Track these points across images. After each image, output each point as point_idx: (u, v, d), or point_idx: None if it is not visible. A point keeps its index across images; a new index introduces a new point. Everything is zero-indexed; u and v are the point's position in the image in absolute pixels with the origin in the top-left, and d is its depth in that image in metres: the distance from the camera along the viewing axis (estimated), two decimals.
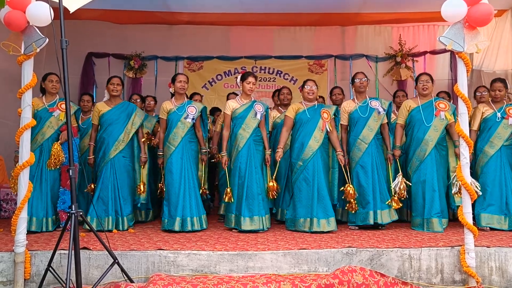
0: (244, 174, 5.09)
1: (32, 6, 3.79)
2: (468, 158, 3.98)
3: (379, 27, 8.74)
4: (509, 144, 5.30)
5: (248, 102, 5.30)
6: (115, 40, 8.57)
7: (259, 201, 5.08)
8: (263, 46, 8.72)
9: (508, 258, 4.05)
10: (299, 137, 5.24)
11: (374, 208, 5.15)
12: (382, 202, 5.19)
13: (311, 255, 4.04)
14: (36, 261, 3.93)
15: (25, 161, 3.84)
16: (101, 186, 5.23)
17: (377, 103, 5.37)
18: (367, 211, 5.17)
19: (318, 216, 5.02)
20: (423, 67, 8.63)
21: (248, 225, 5.03)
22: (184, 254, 4.01)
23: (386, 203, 5.18)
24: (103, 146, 5.33)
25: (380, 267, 4.01)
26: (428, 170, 5.16)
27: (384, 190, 5.24)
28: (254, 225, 5.03)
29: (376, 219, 5.14)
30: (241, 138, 5.17)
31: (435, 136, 5.20)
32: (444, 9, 3.93)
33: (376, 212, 5.15)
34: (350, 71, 8.63)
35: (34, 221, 5.05)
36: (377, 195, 5.19)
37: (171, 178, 5.15)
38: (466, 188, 3.92)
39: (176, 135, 5.20)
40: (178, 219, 5.04)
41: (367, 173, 5.21)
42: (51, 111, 5.27)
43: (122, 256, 3.93)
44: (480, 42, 3.95)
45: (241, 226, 5.02)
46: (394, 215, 5.22)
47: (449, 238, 4.54)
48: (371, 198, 5.16)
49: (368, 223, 5.15)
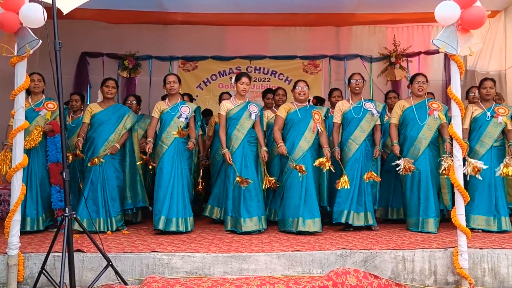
0: (240, 175, 5.09)
1: (25, 8, 3.77)
2: (461, 160, 3.99)
3: (374, 27, 8.74)
4: (499, 145, 5.34)
5: (242, 102, 5.30)
6: (109, 39, 8.52)
7: (257, 201, 5.10)
8: (258, 46, 8.70)
9: (501, 260, 4.08)
10: (289, 137, 5.26)
11: (348, 209, 5.17)
12: (358, 205, 5.21)
13: (305, 257, 4.05)
14: (29, 263, 3.92)
15: (18, 163, 3.83)
16: (91, 187, 5.22)
17: (371, 105, 5.39)
18: (342, 210, 5.19)
19: (304, 216, 5.03)
20: (418, 68, 8.65)
21: (249, 226, 5.02)
22: (178, 256, 4.01)
23: (363, 207, 5.20)
24: (92, 146, 5.33)
25: (374, 269, 4.02)
26: (422, 169, 5.18)
27: (363, 194, 5.24)
28: (255, 225, 5.04)
29: (347, 219, 5.16)
30: (235, 139, 5.17)
31: (429, 134, 5.22)
32: (437, 12, 3.94)
33: (350, 212, 5.17)
34: (344, 72, 8.64)
35: (28, 221, 5.07)
36: (355, 196, 5.20)
37: (161, 177, 5.15)
38: (460, 190, 3.93)
39: (169, 134, 5.21)
40: (163, 217, 5.03)
41: (352, 174, 5.21)
42: (37, 111, 5.26)
43: (116, 258, 3.92)
44: (473, 45, 3.97)
45: (242, 228, 5.00)
46: (370, 220, 5.22)
47: (442, 240, 4.56)
48: (349, 199, 5.17)
49: (340, 221, 5.17)
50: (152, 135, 5.32)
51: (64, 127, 3.59)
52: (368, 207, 5.24)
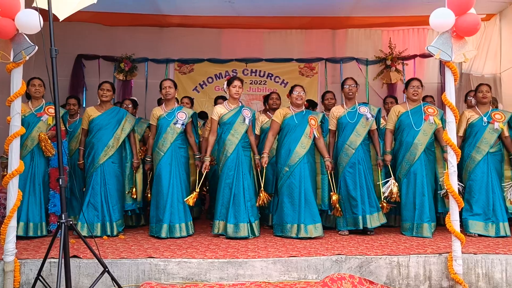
0: (232, 180, 5.09)
1: (22, 14, 3.77)
2: (455, 166, 4.02)
3: (369, 30, 8.77)
4: (495, 151, 5.36)
5: (236, 107, 5.30)
6: (105, 42, 8.53)
7: (247, 208, 5.08)
8: (254, 49, 8.72)
9: (495, 265, 4.11)
10: (286, 143, 5.26)
11: (362, 213, 5.19)
12: (370, 207, 5.22)
13: (300, 263, 4.07)
14: (25, 269, 3.93)
15: (15, 169, 3.83)
16: (91, 192, 5.22)
17: (365, 109, 5.40)
18: (356, 216, 5.20)
19: (306, 222, 5.05)
20: (413, 70, 8.70)
21: (232, 232, 5.01)
22: (175, 262, 4.02)
23: (375, 207, 5.23)
24: (92, 151, 5.32)
25: (369, 274, 4.05)
26: (418, 174, 5.21)
27: (372, 194, 5.28)
28: (239, 232, 5.02)
29: (365, 224, 5.18)
30: (230, 144, 5.18)
31: (425, 140, 5.25)
32: (432, 19, 3.96)
33: (365, 217, 5.19)
34: (340, 74, 8.67)
35: (31, 226, 5.09)
36: (365, 199, 5.22)
37: (160, 184, 5.16)
38: (454, 196, 3.97)
39: (165, 140, 5.21)
40: (165, 225, 5.05)
41: (354, 178, 5.24)
42: (39, 116, 5.28)
43: (112, 264, 3.93)
44: (468, 52, 4.00)
45: (229, 233, 5.02)
46: (382, 219, 5.26)
47: (437, 245, 4.59)
48: (360, 203, 5.20)
49: (358, 228, 5.19)
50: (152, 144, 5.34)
51: (60, 134, 3.60)
52: (378, 208, 5.26)
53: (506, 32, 7.71)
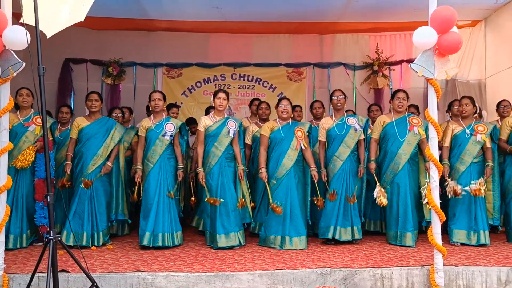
0: (216, 191, 5.15)
1: (9, 31, 3.78)
2: (437, 181, 4.11)
3: (357, 35, 8.83)
4: (478, 161, 5.48)
5: (221, 119, 5.35)
6: (93, 46, 8.49)
7: (234, 217, 5.16)
8: (242, 54, 8.74)
9: (475, 277, 4.24)
10: (273, 156, 5.33)
11: (335, 224, 5.27)
12: (344, 220, 5.30)
13: (286, 275, 4.15)
14: (14, 284, 3.96)
15: (2, 185, 3.85)
16: (78, 201, 5.23)
17: (354, 120, 5.48)
18: (328, 225, 5.29)
19: (291, 235, 5.13)
20: (400, 76, 8.79)
21: (224, 242, 5.08)
22: (162, 276, 4.07)
23: (349, 221, 5.30)
24: (81, 160, 5.34)
25: (354, 287, 4.14)
26: (401, 183, 5.31)
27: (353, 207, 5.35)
28: (230, 241, 5.10)
29: (334, 235, 5.26)
30: (213, 156, 5.24)
31: (409, 150, 5.35)
32: (415, 37, 4.05)
33: (336, 228, 5.27)
34: (328, 79, 8.75)
35: (11, 239, 5.06)
36: (341, 212, 5.30)
37: (147, 195, 5.20)
38: (436, 210, 4.06)
39: (154, 152, 5.25)
40: (148, 233, 5.09)
41: (337, 190, 5.32)
42: (26, 126, 5.28)
43: (100, 278, 3.98)
44: (450, 69, 4.09)
45: (217, 244, 5.08)
46: (356, 235, 5.32)
47: (419, 256, 4.70)
48: (335, 215, 5.28)
49: (327, 237, 5.28)
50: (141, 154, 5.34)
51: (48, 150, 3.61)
52: (355, 222, 5.34)
53: (491, 39, 7.83)
